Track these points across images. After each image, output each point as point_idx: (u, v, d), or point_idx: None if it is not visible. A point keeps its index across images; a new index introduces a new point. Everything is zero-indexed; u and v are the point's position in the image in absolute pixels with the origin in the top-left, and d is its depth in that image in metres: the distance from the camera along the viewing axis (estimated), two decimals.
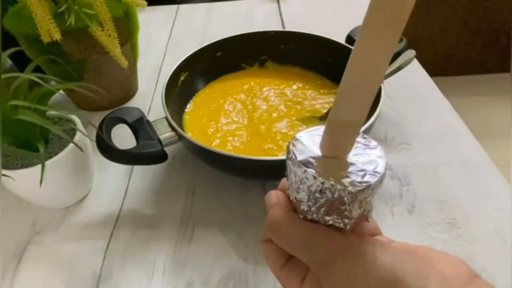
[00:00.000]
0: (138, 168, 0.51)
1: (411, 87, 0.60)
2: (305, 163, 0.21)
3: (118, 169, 0.50)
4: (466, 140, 0.52)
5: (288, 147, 0.23)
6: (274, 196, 0.25)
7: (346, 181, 0.20)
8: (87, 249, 0.42)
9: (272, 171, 0.41)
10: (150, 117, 0.46)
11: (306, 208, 0.22)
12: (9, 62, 0.63)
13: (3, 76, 0.37)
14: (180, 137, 0.44)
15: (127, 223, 0.44)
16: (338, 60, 0.54)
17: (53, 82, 0.46)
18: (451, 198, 0.44)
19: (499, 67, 1.83)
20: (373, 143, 0.23)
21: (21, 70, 0.60)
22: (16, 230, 0.44)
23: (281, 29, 0.78)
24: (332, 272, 0.21)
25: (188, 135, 0.46)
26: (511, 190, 0.45)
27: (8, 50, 0.41)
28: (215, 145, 0.48)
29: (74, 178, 0.44)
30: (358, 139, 0.23)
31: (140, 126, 0.44)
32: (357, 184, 0.20)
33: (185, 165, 0.51)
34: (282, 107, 0.53)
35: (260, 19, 0.83)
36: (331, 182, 0.20)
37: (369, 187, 0.20)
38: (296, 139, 0.23)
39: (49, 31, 0.43)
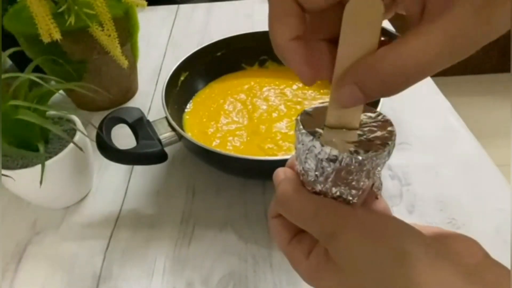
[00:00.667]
0: (138, 168, 0.51)
1: (411, 87, 0.60)
2: (313, 133, 0.21)
3: (118, 169, 0.50)
4: (466, 140, 0.52)
5: (297, 119, 0.23)
6: (282, 172, 0.25)
7: (353, 149, 0.21)
8: (87, 249, 0.42)
9: (272, 171, 0.41)
10: (150, 117, 0.46)
11: (313, 179, 0.22)
12: (9, 62, 0.63)
13: (3, 76, 0.37)
14: (180, 137, 0.44)
15: (127, 223, 0.44)
16: None
17: (53, 82, 0.46)
18: (451, 198, 0.44)
19: (499, 67, 1.83)
20: (384, 116, 0.23)
21: (21, 70, 0.60)
22: (16, 230, 0.44)
23: None
24: (339, 243, 0.21)
25: (188, 135, 0.46)
26: (511, 190, 0.45)
27: (8, 50, 0.41)
28: (215, 145, 0.48)
29: (74, 178, 0.44)
30: (369, 113, 0.23)
31: (140, 126, 0.44)
32: (364, 152, 0.20)
33: (185, 165, 0.51)
34: (282, 107, 0.53)
35: (260, 19, 0.83)
36: (338, 150, 0.20)
37: (377, 156, 0.20)
38: (306, 112, 0.23)
39: (49, 31, 0.43)
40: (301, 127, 0.22)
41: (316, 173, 0.22)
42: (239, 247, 0.41)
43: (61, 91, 0.57)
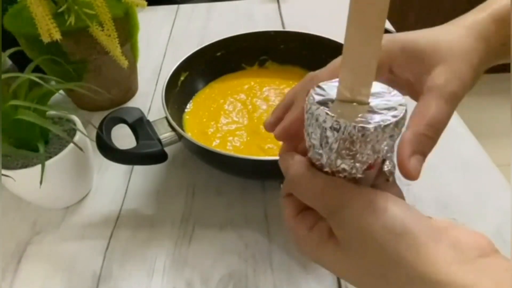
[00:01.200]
0: (138, 168, 0.51)
1: None
2: (322, 103, 0.21)
3: (118, 169, 0.50)
4: (466, 140, 0.52)
5: (308, 91, 0.23)
6: (289, 157, 0.25)
7: (358, 119, 0.20)
8: (87, 249, 0.42)
9: (272, 171, 0.41)
10: (150, 117, 0.46)
11: (319, 150, 0.22)
12: (9, 62, 0.63)
13: (3, 76, 0.37)
14: (180, 137, 0.44)
15: (127, 223, 0.44)
16: None
17: (53, 82, 0.46)
18: (451, 198, 0.44)
19: (499, 67, 1.82)
20: (395, 92, 0.23)
21: (21, 70, 0.60)
22: (16, 230, 0.44)
23: (281, 29, 0.78)
24: (342, 219, 0.21)
25: (188, 135, 0.46)
26: (511, 190, 0.45)
27: (8, 50, 0.41)
28: (215, 145, 0.48)
29: (74, 178, 0.44)
30: (380, 89, 0.23)
31: (140, 126, 0.44)
32: (368, 123, 0.20)
33: (185, 165, 0.51)
34: None
35: (260, 19, 0.83)
36: (343, 119, 0.20)
37: (380, 127, 0.20)
38: (318, 86, 0.23)
39: (49, 31, 0.43)
40: (312, 97, 0.22)
41: (321, 143, 0.22)
42: (239, 247, 0.41)
43: (61, 91, 0.57)
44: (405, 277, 0.19)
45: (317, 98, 0.22)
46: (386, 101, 0.22)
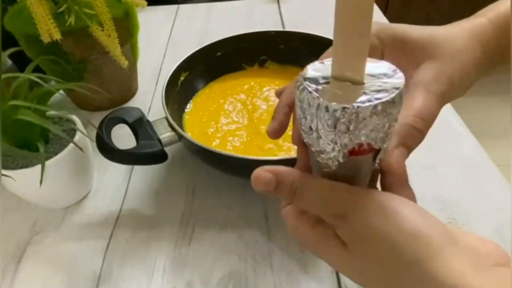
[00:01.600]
0: (138, 168, 0.51)
1: None
2: (312, 79, 0.20)
3: (118, 169, 0.50)
4: (466, 140, 0.52)
5: (306, 67, 0.21)
6: (274, 169, 0.24)
7: (339, 98, 0.18)
8: (87, 249, 0.42)
9: None
10: (150, 117, 0.46)
11: (303, 127, 0.21)
12: (9, 62, 0.63)
13: (3, 76, 0.37)
14: (180, 137, 0.44)
15: (127, 223, 0.44)
16: None
17: (53, 82, 0.46)
18: (451, 198, 0.44)
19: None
20: (400, 75, 0.20)
21: (21, 70, 0.60)
22: (16, 230, 0.44)
23: (281, 29, 0.78)
24: (351, 222, 0.21)
25: (188, 135, 0.46)
26: (511, 190, 0.45)
27: (8, 50, 0.41)
28: (215, 145, 0.48)
29: (74, 178, 0.44)
30: (385, 70, 0.21)
31: (140, 126, 0.44)
32: (348, 103, 0.18)
33: (185, 165, 0.51)
34: None
35: (260, 19, 0.83)
36: (319, 96, 0.19)
37: (355, 108, 0.18)
38: (321, 62, 0.22)
39: (49, 31, 0.43)
40: (305, 71, 0.21)
41: (304, 118, 0.21)
42: (239, 247, 0.41)
43: (61, 91, 0.57)
44: (419, 279, 0.19)
45: (311, 73, 0.21)
46: (382, 83, 0.20)
